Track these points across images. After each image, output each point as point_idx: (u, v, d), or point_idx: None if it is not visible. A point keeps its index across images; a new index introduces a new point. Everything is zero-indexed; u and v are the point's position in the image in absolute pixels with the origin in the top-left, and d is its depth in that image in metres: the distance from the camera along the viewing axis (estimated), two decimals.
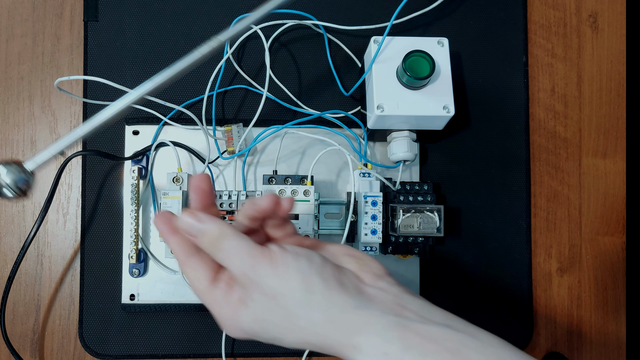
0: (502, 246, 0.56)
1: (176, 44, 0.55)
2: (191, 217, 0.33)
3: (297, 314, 0.30)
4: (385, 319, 0.29)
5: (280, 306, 0.30)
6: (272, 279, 0.31)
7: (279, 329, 0.31)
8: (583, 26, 0.59)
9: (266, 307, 0.31)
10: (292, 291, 0.30)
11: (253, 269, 0.31)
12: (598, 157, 0.58)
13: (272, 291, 0.30)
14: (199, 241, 0.33)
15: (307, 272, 0.31)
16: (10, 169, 0.34)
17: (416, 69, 0.46)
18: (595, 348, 0.57)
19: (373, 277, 0.33)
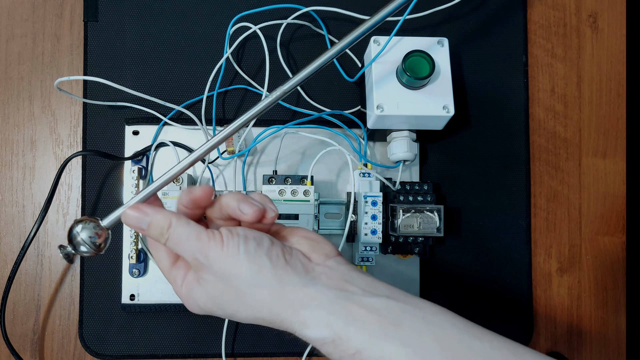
0: (502, 246, 0.56)
1: (176, 44, 0.55)
2: (136, 212, 0.35)
3: (247, 293, 0.32)
4: (330, 294, 0.31)
5: (231, 286, 0.32)
6: (222, 261, 0.32)
7: (232, 306, 0.33)
8: (583, 26, 0.59)
9: (218, 288, 0.33)
10: (241, 271, 0.32)
11: (202, 252, 0.32)
12: (598, 157, 0.58)
13: (223, 272, 0.32)
14: (148, 233, 0.35)
15: (255, 254, 0.32)
16: (86, 226, 0.36)
17: (416, 69, 0.47)
18: (595, 348, 0.57)
19: (323, 257, 0.34)
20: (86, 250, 0.37)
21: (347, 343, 0.30)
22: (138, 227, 0.35)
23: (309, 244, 0.35)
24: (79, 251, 0.37)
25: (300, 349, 0.53)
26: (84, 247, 0.36)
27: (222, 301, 0.33)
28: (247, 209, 0.34)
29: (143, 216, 0.34)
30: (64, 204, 0.54)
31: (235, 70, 0.55)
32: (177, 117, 0.54)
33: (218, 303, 0.33)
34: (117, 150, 0.54)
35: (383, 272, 0.54)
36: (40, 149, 0.55)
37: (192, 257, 0.33)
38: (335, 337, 0.30)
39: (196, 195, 0.35)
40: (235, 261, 0.32)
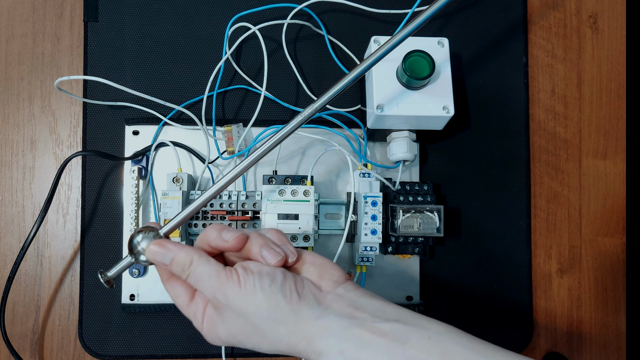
0: (502, 247, 0.56)
1: (176, 44, 0.55)
2: (159, 248, 0.36)
3: (265, 329, 0.34)
4: (342, 322, 0.33)
5: (250, 323, 0.34)
6: (240, 300, 0.34)
7: (252, 341, 0.35)
8: (583, 27, 0.59)
9: (238, 324, 0.34)
10: (259, 309, 0.33)
11: (222, 292, 0.34)
12: (598, 158, 0.58)
13: (241, 310, 0.34)
14: (170, 268, 0.36)
15: (270, 291, 0.34)
16: (146, 236, 0.37)
17: (416, 69, 0.46)
18: (595, 349, 0.57)
19: (332, 283, 0.36)
20: (146, 260, 0.37)
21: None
22: (161, 262, 0.36)
23: (318, 271, 0.37)
24: (139, 260, 0.37)
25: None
26: (144, 257, 0.37)
27: (242, 337, 0.35)
28: (271, 258, 0.36)
29: (166, 252, 0.36)
30: (63, 204, 0.54)
31: (235, 70, 0.55)
32: (177, 117, 0.54)
33: (239, 339, 0.35)
34: (117, 150, 0.54)
35: (383, 272, 0.54)
36: (40, 149, 0.55)
37: (212, 295, 0.34)
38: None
39: (229, 245, 0.36)
40: (253, 299, 0.34)
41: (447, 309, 0.55)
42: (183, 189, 0.50)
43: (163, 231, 0.38)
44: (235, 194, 0.50)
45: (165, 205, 0.48)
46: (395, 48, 0.40)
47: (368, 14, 0.56)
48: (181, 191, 0.48)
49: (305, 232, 0.48)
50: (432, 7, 0.39)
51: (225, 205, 0.49)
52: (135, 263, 0.38)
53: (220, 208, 0.49)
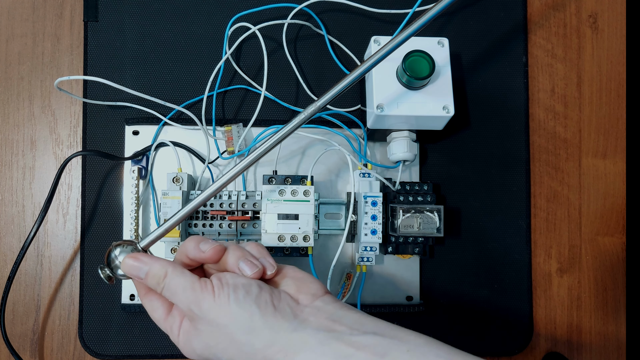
0: (502, 246, 0.56)
1: (176, 44, 0.55)
2: (134, 261, 0.37)
3: (241, 340, 0.33)
4: (319, 336, 0.32)
5: (225, 335, 0.33)
6: (214, 311, 0.34)
7: (227, 355, 0.34)
8: (583, 27, 0.59)
9: (213, 336, 0.34)
10: (234, 321, 0.33)
11: (196, 303, 0.34)
12: (598, 158, 0.58)
13: (216, 322, 0.33)
14: (146, 282, 0.36)
15: (244, 302, 0.34)
16: (123, 250, 0.37)
17: (416, 69, 0.46)
18: (595, 349, 0.57)
19: (310, 297, 0.35)
20: (124, 274, 0.37)
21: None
22: (136, 276, 0.36)
23: (296, 284, 0.36)
24: (117, 275, 0.37)
25: None
26: (121, 271, 0.37)
27: (218, 350, 0.34)
28: (248, 270, 0.36)
29: (141, 265, 0.36)
30: (64, 204, 0.54)
31: (235, 70, 0.55)
32: (177, 117, 0.54)
33: (214, 352, 0.34)
34: (117, 150, 0.54)
35: (383, 272, 0.54)
36: (40, 149, 0.55)
37: (187, 308, 0.34)
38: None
39: (206, 256, 0.37)
40: (227, 311, 0.33)
41: (447, 309, 0.55)
42: (183, 189, 0.50)
43: (142, 244, 0.38)
44: (235, 194, 0.50)
45: (165, 205, 0.48)
46: (396, 49, 0.40)
47: (368, 14, 0.56)
48: (181, 191, 0.48)
49: (305, 232, 0.48)
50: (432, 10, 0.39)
51: (225, 205, 0.49)
52: (113, 277, 0.38)
53: (220, 208, 0.49)
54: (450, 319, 0.55)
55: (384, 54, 0.40)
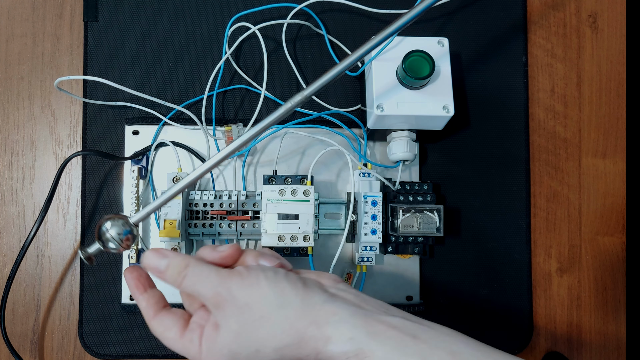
0: (502, 246, 0.56)
1: (176, 44, 0.55)
2: (155, 254, 0.36)
3: (272, 316, 0.32)
4: (350, 309, 0.32)
5: (255, 313, 0.32)
6: (245, 291, 0.33)
7: (257, 338, 0.32)
8: (583, 26, 0.59)
9: (242, 320, 0.32)
10: (265, 295, 0.33)
11: (224, 284, 0.33)
12: (598, 158, 0.58)
13: (246, 300, 0.33)
14: (165, 275, 0.35)
15: (275, 280, 0.33)
16: (115, 223, 0.37)
17: (416, 69, 0.47)
18: (595, 348, 0.57)
19: (332, 281, 0.36)
20: (114, 247, 0.37)
21: (370, 357, 0.30)
22: (155, 268, 0.35)
23: (315, 274, 0.37)
24: (108, 247, 0.37)
25: None
26: (112, 244, 0.37)
27: (246, 336, 0.33)
28: (269, 263, 0.36)
29: (162, 257, 0.35)
30: (64, 203, 0.54)
31: (235, 69, 0.55)
32: (177, 117, 0.54)
33: (242, 341, 0.33)
34: (117, 150, 0.54)
35: (383, 272, 0.54)
36: (40, 149, 0.55)
37: (213, 292, 0.33)
38: (358, 351, 0.31)
39: (225, 254, 0.36)
40: (258, 287, 0.33)
41: (447, 309, 0.55)
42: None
43: (133, 220, 0.38)
44: (235, 194, 0.50)
45: (165, 205, 0.48)
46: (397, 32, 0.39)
47: (368, 14, 0.56)
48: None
49: (305, 232, 0.48)
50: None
51: (225, 205, 0.49)
52: (104, 250, 0.38)
53: (220, 208, 0.49)
54: (450, 319, 0.55)
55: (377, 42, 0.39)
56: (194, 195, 0.50)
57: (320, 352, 0.32)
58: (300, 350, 0.32)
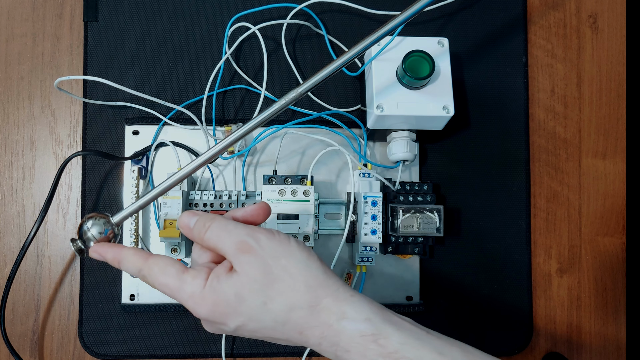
0: (502, 246, 0.56)
1: (176, 44, 0.55)
2: (187, 213, 0.36)
3: (296, 274, 0.33)
4: (367, 299, 0.33)
5: (279, 266, 0.33)
6: (273, 242, 0.34)
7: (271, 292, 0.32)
8: (583, 27, 0.59)
9: (263, 269, 0.32)
10: (293, 255, 0.33)
11: (252, 235, 0.34)
12: (598, 158, 0.58)
13: (273, 253, 0.33)
14: (193, 231, 0.35)
15: (304, 246, 0.35)
16: (96, 222, 0.37)
17: (416, 69, 0.47)
18: (595, 349, 0.57)
19: None
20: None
21: (387, 340, 0.31)
22: (186, 225, 0.36)
23: None
24: (89, 247, 0.37)
25: (301, 349, 0.53)
26: (93, 243, 0.37)
27: (262, 285, 0.32)
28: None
29: (192, 216, 0.36)
30: (64, 204, 0.54)
31: (235, 69, 0.55)
32: (177, 117, 0.54)
33: (255, 288, 0.32)
34: (117, 150, 0.54)
35: (383, 272, 0.54)
36: (40, 149, 0.55)
37: (240, 239, 0.33)
38: (375, 332, 0.31)
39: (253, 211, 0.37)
40: (287, 245, 0.34)
41: (447, 309, 0.55)
42: (183, 189, 0.50)
43: (115, 219, 0.38)
44: (235, 194, 0.50)
45: (165, 205, 0.48)
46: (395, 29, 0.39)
47: (368, 15, 0.56)
48: (181, 191, 0.48)
49: (305, 232, 0.48)
50: None
51: (225, 205, 0.49)
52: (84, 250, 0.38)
53: (221, 208, 0.49)
54: (450, 319, 0.55)
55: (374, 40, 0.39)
56: (194, 195, 0.50)
57: (330, 327, 0.32)
58: (309, 318, 0.32)
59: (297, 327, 0.32)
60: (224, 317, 0.33)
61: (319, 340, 0.32)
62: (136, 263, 0.35)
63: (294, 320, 0.32)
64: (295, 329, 0.32)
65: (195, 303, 0.33)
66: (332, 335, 0.32)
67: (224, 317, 0.33)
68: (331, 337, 0.32)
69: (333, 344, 0.32)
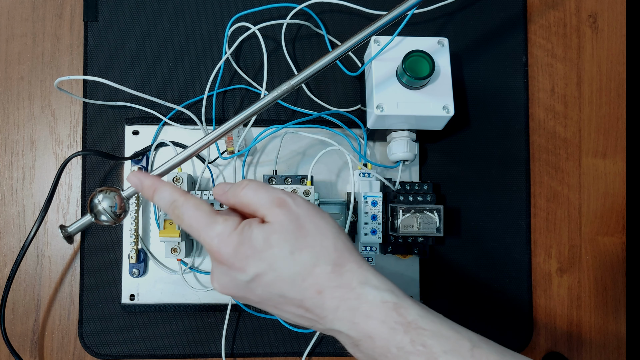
0: (502, 246, 0.56)
1: (176, 44, 0.55)
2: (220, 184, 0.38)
3: (326, 232, 0.33)
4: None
5: (312, 222, 0.33)
6: (307, 206, 0.34)
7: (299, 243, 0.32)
8: (583, 26, 0.59)
9: (296, 222, 0.33)
10: (324, 218, 0.34)
11: (289, 195, 0.34)
12: (598, 157, 0.58)
13: (307, 212, 0.34)
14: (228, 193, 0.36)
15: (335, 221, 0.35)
16: (107, 196, 0.38)
17: (416, 69, 0.47)
18: (595, 348, 0.57)
19: None
20: (106, 219, 0.38)
21: (407, 310, 0.31)
22: (221, 189, 0.37)
23: None
24: (99, 220, 0.38)
25: (300, 348, 0.53)
26: (104, 216, 0.38)
27: (292, 236, 0.33)
28: None
29: (226, 184, 0.37)
30: (64, 204, 0.54)
31: (235, 69, 0.55)
32: (177, 117, 0.54)
33: (285, 237, 0.33)
34: (117, 150, 0.54)
35: (383, 272, 0.54)
36: (40, 149, 0.55)
37: (276, 196, 0.34)
38: (397, 301, 0.31)
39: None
40: (320, 211, 0.35)
41: (447, 309, 0.55)
42: (183, 189, 0.50)
43: (125, 194, 0.39)
44: None
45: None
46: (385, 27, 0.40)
47: (368, 15, 0.56)
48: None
49: None
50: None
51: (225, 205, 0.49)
52: (95, 222, 0.38)
53: (221, 208, 0.49)
54: (451, 319, 0.55)
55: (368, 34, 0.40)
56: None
57: (352, 290, 0.32)
58: (332, 276, 0.32)
59: (317, 285, 0.32)
60: (245, 260, 0.32)
61: (338, 303, 0.32)
62: (173, 194, 0.36)
63: (316, 275, 0.32)
64: (314, 287, 0.32)
65: (221, 241, 0.33)
66: (352, 299, 0.32)
67: (246, 260, 0.32)
68: (351, 301, 0.32)
69: (352, 309, 0.31)
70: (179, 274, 0.53)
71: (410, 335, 0.30)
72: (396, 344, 0.30)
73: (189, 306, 0.53)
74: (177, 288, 0.53)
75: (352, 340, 0.32)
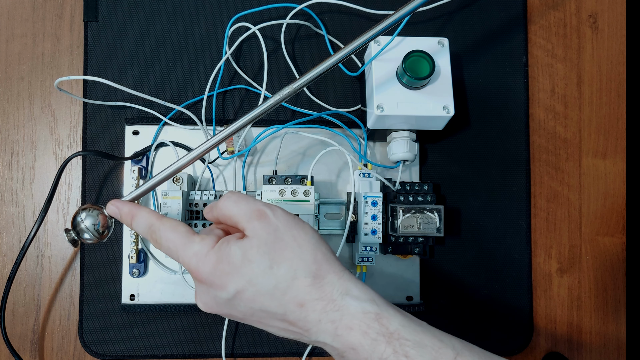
0: (502, 246, 0.56)
1: (176, 44, 0.55)
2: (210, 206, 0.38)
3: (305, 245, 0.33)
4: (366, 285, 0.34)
5: (291, 235, 0.33)
6: (287, 217, 0.34)
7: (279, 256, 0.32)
8: (583, 27, 0.59)
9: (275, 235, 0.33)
10: (304, 229, 0.34)
11: (268, 207, 0.34)
12: (598, 158, 0.58)
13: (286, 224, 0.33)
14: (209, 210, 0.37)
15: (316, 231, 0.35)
16: (90, 214, 0.38)
17: (416, 69, 0.46)
18: (595, 349, 0.57)
19: None
20: (89, 238, 0.38)
21: (389, 320, 0.31)
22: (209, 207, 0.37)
23: None
24: (82, 238, 0.38)
25: (300, 349, 0.53)
26: (87, 235, 0.38)
27: (271, 248, 0.32)
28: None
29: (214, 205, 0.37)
30: (64, 204, 0.54)
31: (235, 70, 0.55)
32: (177, 117, 0.54)
33: (264, 250, 0.32)
34: (117, 150, 0.54)
35: (383, 273, 0.54)
36: (40, 149, 0.55)
37: (256, 208, 0.34)
38: (379, 312, 0.31)
39: None
40: (300, 222, 0.34)
41: (447, 309, 0.55)
42: (183, 189, 0.50)
43: (107, 211, 0.38)
44: None
45: (165, 205, 0.48)
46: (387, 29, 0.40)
47: (368, 15, 0.56)
48: (181, 191, 0.48)
49: None
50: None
51: None
52: (79, 240, 0.38)
53: None
54: (450, 319, 0.55)
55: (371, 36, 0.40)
56: (194, 195, 0.50)
57: (333, 302, 0.32)
58: (312, 289, 0.32)
59: (298, 298, 0.32)
60: (225, 277, 0.32)
61: (319, 316, 0.32)
62: (149, 219, 0.36)
63: (296, 288, 0.32)
64: (296, 300, 0.32)
65: (199, 260, 0.33)
66: (334, 310, 0.31)
67: (225, 277, 0.32)
68: (333, 313, 0.31)
69: (333, 321, 0.31)
70: (179, 274, 0.53)
71: (393, 346, 0.30)
72: (379, 355, 0.30)
73: (189, 306, 0.53)
74: (177, 288, 0.53)
75: (337, 351, 0.32)
